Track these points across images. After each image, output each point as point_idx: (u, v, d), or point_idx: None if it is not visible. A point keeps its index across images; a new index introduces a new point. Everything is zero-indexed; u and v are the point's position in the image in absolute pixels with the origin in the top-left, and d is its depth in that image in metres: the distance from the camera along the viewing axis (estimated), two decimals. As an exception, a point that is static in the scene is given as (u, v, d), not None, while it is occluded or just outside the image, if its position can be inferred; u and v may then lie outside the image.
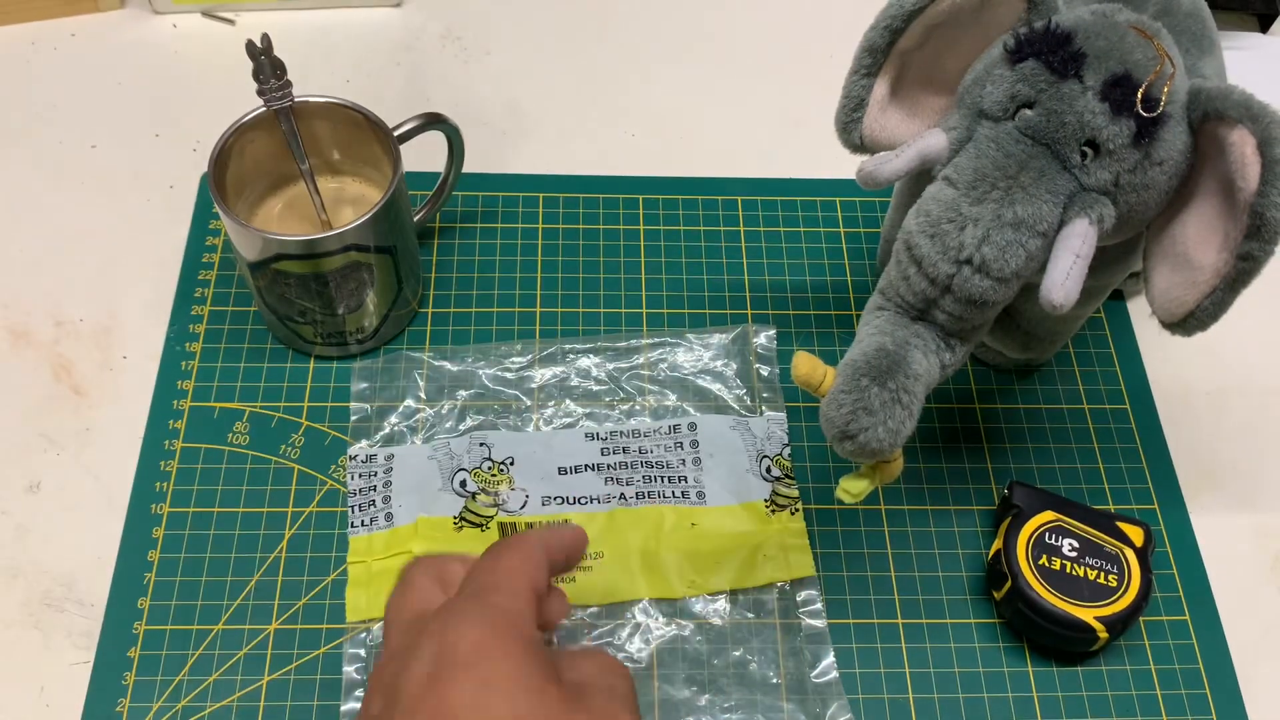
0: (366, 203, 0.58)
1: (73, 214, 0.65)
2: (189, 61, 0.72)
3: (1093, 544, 0.52)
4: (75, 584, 0.52)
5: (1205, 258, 0.44)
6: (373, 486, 0.55)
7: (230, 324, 0.60)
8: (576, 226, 0.65)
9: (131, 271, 0.63)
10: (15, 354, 0.59)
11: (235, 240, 0.54)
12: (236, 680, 0.50)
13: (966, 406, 0.60)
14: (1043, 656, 0.52)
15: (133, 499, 0.55)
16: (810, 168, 0.68)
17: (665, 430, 0.57)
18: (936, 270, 0.43)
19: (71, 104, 0.70)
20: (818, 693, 0.50)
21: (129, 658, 0.50)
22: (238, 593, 0.52)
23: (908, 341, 0.44)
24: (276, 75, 0.53)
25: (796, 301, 0.63)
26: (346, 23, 0.75)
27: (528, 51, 0.74)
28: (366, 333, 0.58)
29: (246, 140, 0.55)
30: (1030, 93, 0.43)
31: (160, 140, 0.68)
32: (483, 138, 0.69)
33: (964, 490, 0.57)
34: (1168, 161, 0.43)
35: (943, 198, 0.43)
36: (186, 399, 0.58)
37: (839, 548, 0.55)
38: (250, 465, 0.56)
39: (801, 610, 0.53)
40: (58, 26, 0.73)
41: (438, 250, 0.64)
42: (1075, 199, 0.43)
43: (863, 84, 0.48)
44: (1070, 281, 0.42)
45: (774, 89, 0.73)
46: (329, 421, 0.57)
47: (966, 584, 0.54)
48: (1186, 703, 0.52)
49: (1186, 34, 0.48)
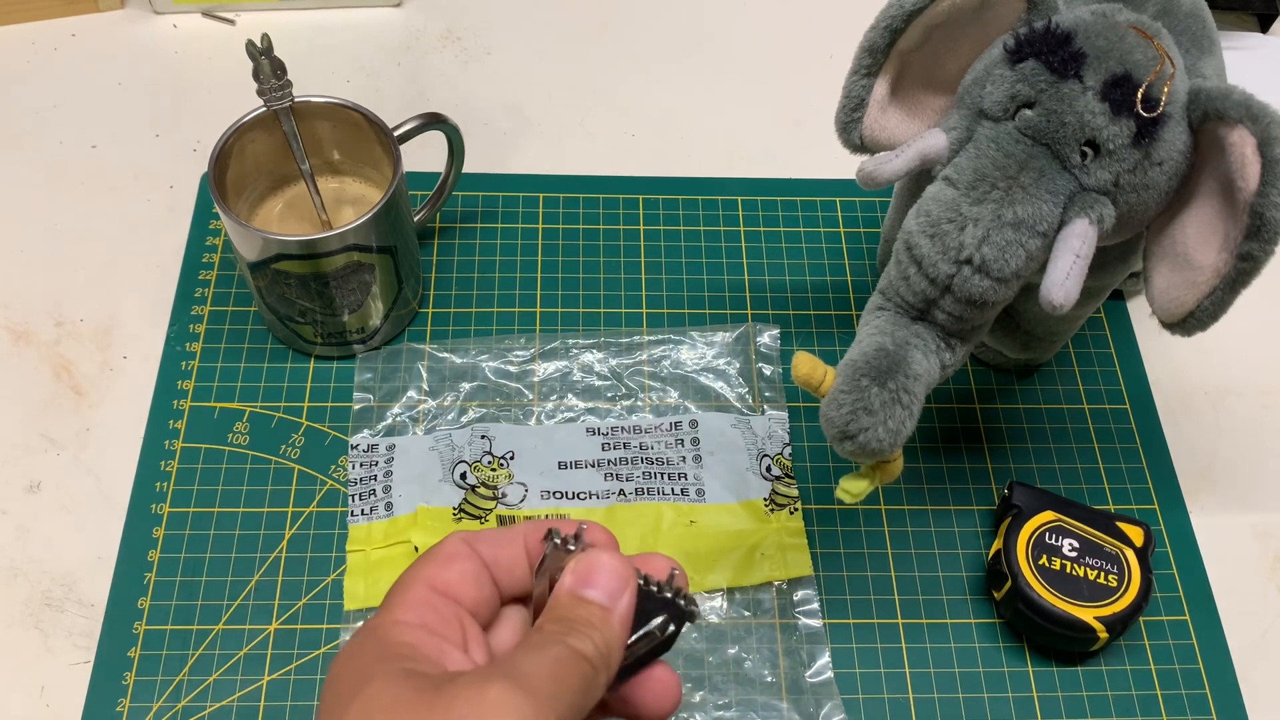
0: (367, 203, 0.58)
1: (73, 214, 0.65)
2: (189, 62, 0.72)
3: (1093, 544, 0.52)
4: (75, 584, 0.52)
5: (1205, 258, 0.44)
6: (373, 476, 0.55)
7: (230, 324, 0.60)
8: (576, 226, 0.65)
9: (131, 272, 0.63)
10: (15, 354, 0.59)
11: (235, 240, 0.54)
12: (236, 680, 0.50)
13: (966, 406, 0.60)
14: (1043, 656, 0.53)
15: (133, 499, 0.55)
16: (810, 168, 0.68)
17: (666, 427, 0.57)
18: (936, 270, 0.43)
19: (71, 104, 0.70)
20: (813, 692, 0.50)
21: (129, 658, 0.50)
22: (238, 593, 0.52)
23: (908, 341, 0.44)
24: (277, 75, 0.53)
25: (796, 301, 0.63)
26: (346, 23, 0.75)
27: (528, 51, 0.74)
28: (367, 333, 0.58)
29: (247, 140, 0.55)
30: (1030, 93, 0.43)
31: (160, 140, 0.68)
32: (483, 138, 0.69)
33: (964, 490, 0.57)
34: (1168, 162, 0.43)
35: (943, 198, 0.43)
36: (187, 399, 0.58)
37: (839, 547, 0.55)
38: (250, 465, 0.56)
39: (798, 610, 0.53)
40: (58, 26, 0.73)
41: (438, 250, 0.64)
42: (1075, 199, 0.43)
43: (863, 84, 0.48)
44: (1070, 281, 0.42)
45: (774, 89, 0.73)
46: (329, 421, 0.57)
47: (966, 584, 0.54)
48: (1186, 703, 0.52)
49: (1186, 34, 0.48)
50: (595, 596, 0.31)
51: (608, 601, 0.31)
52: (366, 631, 0.31)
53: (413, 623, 0.31)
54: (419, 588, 0.32)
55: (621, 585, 0.32)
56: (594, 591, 0.31)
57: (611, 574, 0.32)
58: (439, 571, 0.33)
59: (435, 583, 0.33)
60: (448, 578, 0.33)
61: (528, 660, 0.29)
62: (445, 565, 0.33)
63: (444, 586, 0.33)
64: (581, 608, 0.31)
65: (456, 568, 0.33)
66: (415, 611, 0.32)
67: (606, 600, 0.31)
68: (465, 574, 0.33)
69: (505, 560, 0.34)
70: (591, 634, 0.30)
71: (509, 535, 0.34)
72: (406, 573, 0.33)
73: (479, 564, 0.33)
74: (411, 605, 0.32)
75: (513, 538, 0.34)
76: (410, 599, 0.32)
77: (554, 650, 0.30)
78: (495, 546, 0.34)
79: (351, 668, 0.30)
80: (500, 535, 0.34)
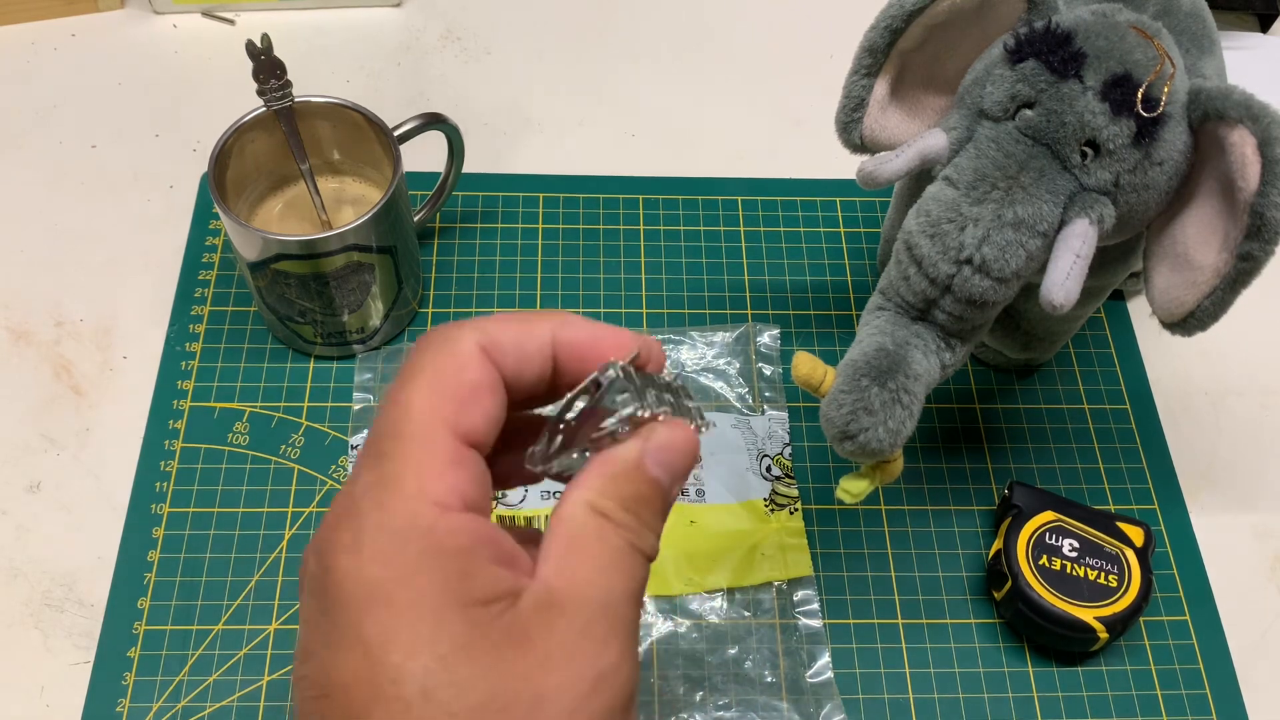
0: (366, 203, 0.58)
1: (73, 214, 0.65)
2: (189, 61, 0.72)
3: (1093, 544, 0.52)
4: (75, 584, 0.52)
5: (1205, 258, 0.44)
6: None
7: (230, 324, 0.60)
8: (576, 226, 0.65)
9: (131, 272, 0.63)
10: (15, 354, 0.59)
11: (235, 240, 0.54)
12: (236, 680, 0.50)
13: (967, 406, 0.60)
14: (1043, 657, 0.52)
15: (133, 499, 0.55)
16: (810, 168, 0.68)
17: (665, 430, 0.57)
18: (937, 270, 0.43)
19: (71, 104, 0.70)
20: (813, 693, 0.50)
21: (129, 658, 0.50)
22: (238, 593, 0.52)
23: (908, 341, 0.44)
24: (276, 75, 0.53)
25: (796, 301, 0.63)
26: (346, 23, 0.75)
27: (528, 51, 0.74)
28: (367, 333, 0.58)
29: (246, 140, 0.55)
30: (1030, 93, 0.43)
31: (160, 140, 0.68)
32: (483, 138, 0.69)
33: (964, 490, 0.57)
34: (1168, 161, 0.43)
35: (943, 198, 0.43)
36: (186, 399, 0.58)
37: (839, 547, 0.55)
38: (250, 465, 0.56)
39: (798, 610, 0.53)
40: (57, 26, 0.73)
41: (438, 250, 0.64)
42: (1075, 199, 0.43)
43: (863, 84, 0.48)
44: (1070, 281, 0.42)
45: (774, 89, 0.73)
46: (329, 421, 0.57)
47: (966, 584, 0.54)
48: (1186, 703, 0.52)
49: (1187, 34, 0.48)
50: (663, 480, 0.27)
51: (669, 485, 0.27)
52: (401, 520, 0.23)
53: (452, 504, 0.24)
54: (441, 439, 0.24)
55: (688, 470, 0.27)
56: (665, 475, 0.27)
57: (687, 457, 0.27)
58: (462, 413, 0.25)
59: (461, 428, 0.25)
60: (474, 421, 0.25)
61: (597, 577, 0.25)
62: (470, 401, 0.25)
63: (471, 434, 0.25)
64: (647, 487, 0.26)
65: (483, 406, 0.25)
66: (450, 482, 0.24)
67: (669, 483, 0.27)
68: (491, 412, 0.26)
69: (527, 371, 0.27)
70: (655, 525, 0.27)
71: (533, 331, 0.27)
72: (406, 399, 0.25)
73: (502, 391, 0.26)
74: (442, 473, 0.24)
75: (538, 334, 0.27)
76: (437, 460, 0.24)
77: (625, 562, 0.25)
78: (519, 350, 0.26)
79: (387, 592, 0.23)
80: (523, 331, 0.27)
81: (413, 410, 0.25)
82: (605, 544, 0.25)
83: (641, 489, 0.26)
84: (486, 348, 0.26)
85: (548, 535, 0.26)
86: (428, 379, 0.25)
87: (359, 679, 0.22)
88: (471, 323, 0.27)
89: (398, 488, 0.24)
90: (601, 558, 0.25)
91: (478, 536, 0.24)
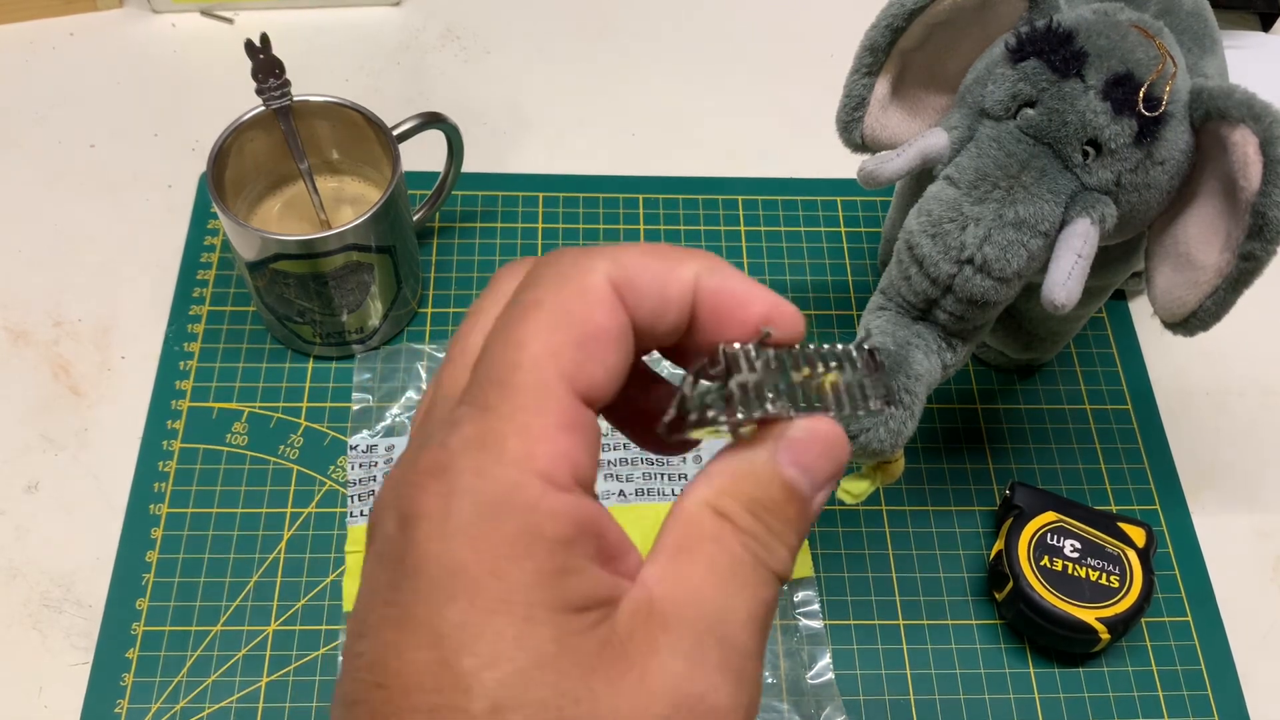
0: (366, 202, 0.58)
1: (72, 214, 0.65)
2: (188, 61, 0.72)
3: (1094, 545, 0.52)
4: (74, 584, 0.52)
5: (1207, 257, 0.43)
6: (373, 477, 0.55)
7: (229, 324, 0.60)
8: (576, 226, 0.65)
9: (130, 271, 0.62)
10: (14, 354, 0.59)
11: (234, 240, 0.54)
12: (235, 681, 0.50)
13: (968, 406, 0.60)
14: (1044, 658, 0.52)
15: (131, 499, 0.54)
16: (810, 168, 0.68)
17: (665, 430, 0.57)
18: (938, 270, 0.43)
19: (70, 104, 0.69)
20: (814, 694, 0.50)
21: (127, 659, 0.50)
22: (236, 593, 0.52)
23: (909, 342, 0.44)
24: (275, 74, 0.53)
25: (796, 301, 0.63)
26: (346, 22, 0.75)
27: (528, 51, 0.74)
28: (366, 333, 0.58)
29: (245, 140, 0.55)
30: (1032, 92, 0.43)
31: (159, 140, 0.68)
32: (483, 138, 0.69)
33: (965, 491, 0.57)
34: (1169, 161, 0.43)
35: (944, 197, 0.43)
36: (185, 399, 0.57)
37: (840, 548, 0.55)
38: (249, 465, 0.56)
39: (799, 611, 0.53)
40: (56, 26, 0.73)
41: (437, 250, 0.64)
42: (1077, 198, 0.43)
43: (864, 83, 0.48)
44: (1072, 281, 0.42)
45: (774, 89, 0.73)
46: (328, 422, 0.57)
47: (968, 585, 0.54)
48: (1188, 703, 0.52)
49: (1188, 33, 0.48)
50: (800, 484, 0.23)
51: (809, 491, 0.23)
52: (499, 491, 0.20)
53: (559, 477, 0.20)
54: (557, 394, 0.20)
55: (834, 475, 0.23)
56: (803, 479, 0.23)
57: (830, 459, 0.23)
58: (584, 364, 0.21)
59: (581, 383, 0.21)
60: (596, 376, 0.21)
61: (710, 589, 0.21)
62: (595, 351, 0.21)
63: (590, 390, 0.21)
64: (779, 491, 0.22)
65: (609, 358, 0.21)
66: (562, 448, 0.20)
67: (808, 489, 0.23)
68: (616, 366, 0.21)
69: (663, 320, 0.23)
70: (788, 538, 0.23)
71: (677, 272, 0.22)
72: (520, 338, 0.20)
73: (631, 340, 0.22)
74: (555, 437, 0.20)
75: (683, 276, 0.22)
76: (550, 421, 0.20)
77: (747, 576, 0.22)
78: (659, 293, 0.22)
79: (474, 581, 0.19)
80: (665, 270, 0.22)
81: (526, 354, 0.20)
82: (723, 549, 0.22)
83: (772, 492, 0.22)
84: (619, 285, 0.22)
85: (661, 533, 0.22)
86: (548, 317, 0.21)
87: (423, 681, 0.19)
88: (603, 250, 0.22)
89: (499, 451, 0.20)
90: (718, 565, 0.22)
91: (582, 525, 0.20)
